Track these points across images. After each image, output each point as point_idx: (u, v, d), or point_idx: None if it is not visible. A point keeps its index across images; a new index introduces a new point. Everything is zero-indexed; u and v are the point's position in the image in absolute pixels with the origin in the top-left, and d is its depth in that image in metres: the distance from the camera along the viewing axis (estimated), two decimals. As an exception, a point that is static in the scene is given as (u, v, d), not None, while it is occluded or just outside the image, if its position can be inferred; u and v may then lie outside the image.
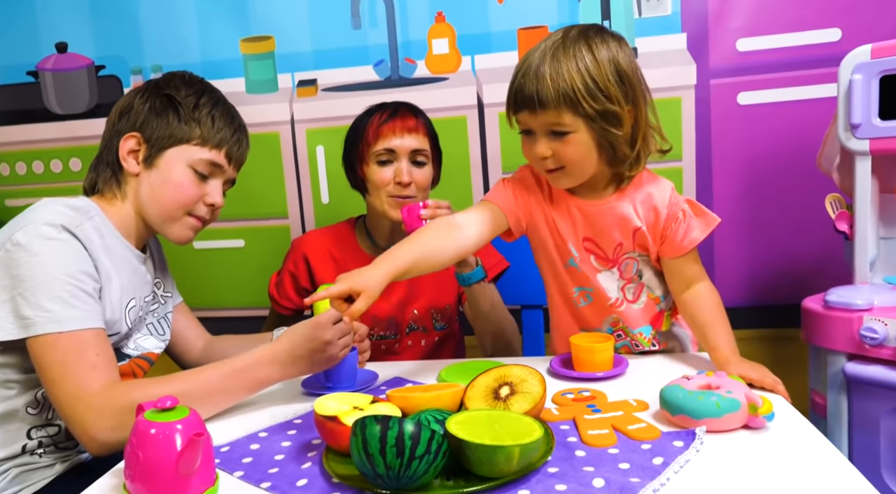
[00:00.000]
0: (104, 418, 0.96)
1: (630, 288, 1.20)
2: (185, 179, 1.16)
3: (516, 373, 0.94)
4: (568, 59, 1.04)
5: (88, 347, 1.00)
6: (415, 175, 1.43)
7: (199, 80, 1.23)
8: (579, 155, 1.08)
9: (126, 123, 1.17)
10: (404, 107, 1.48)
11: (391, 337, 1.52)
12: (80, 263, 1.03)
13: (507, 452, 0.73)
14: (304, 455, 0.88)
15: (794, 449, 0.82)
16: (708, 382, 0.91)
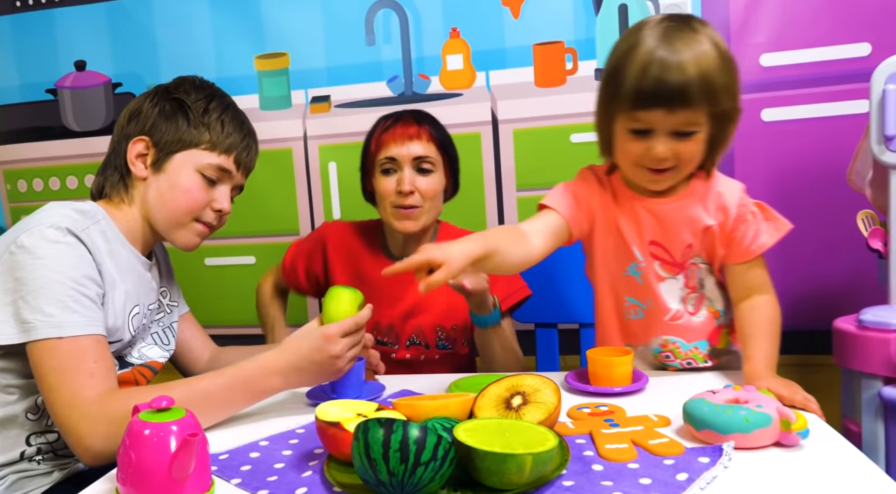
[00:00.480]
0: (98, 427, 0.93)
1: (692, 299, 1.13)
2: (193, 184, 1.14)
3: (529, 383, 0.88)
4: (697, 52, 0.96)
5: (87, 354, 0.97)
6: (419, 183, 1.38)
7: (209, 85, 1.22)
8: (697, 154, 1.02)
9: (135, 127, 1.15)
10: (408, 114, 1.43)
11: (389, 344, 1.47)
12: (84, 267, 1.01)
13: (519, 461, 0.68)
14: (305, 464, 0.84)
15: (831, 468, 0.75)
16: (736, 396, 0.85)
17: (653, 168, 1.03)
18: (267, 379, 1.00)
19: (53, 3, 2.05)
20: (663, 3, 1.77)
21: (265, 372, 1.00)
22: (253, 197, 2.00)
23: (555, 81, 1.84)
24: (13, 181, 2.16)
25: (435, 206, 1.42)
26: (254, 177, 1.94)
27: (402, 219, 1.39)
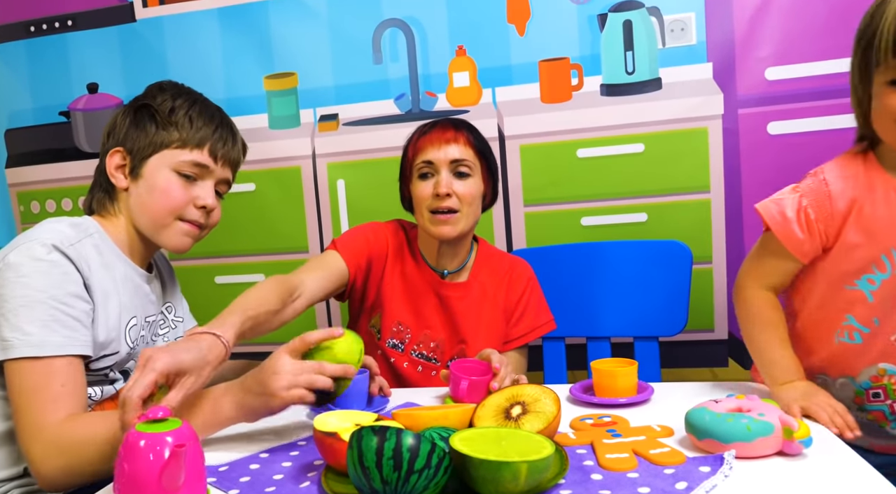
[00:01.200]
0: (50, 453, 0.94)
1: None
2: (169, 184, 1.14)
3: (529, 392, 0.88)
4: None
5: (56, 377, 0.97)
6: (456, 187, 1.34)
7: (174, 85, 1.21)
8: None
9: (112, 141, 1.17)
10: (446, 120, 1.42)
11: (433, 360, 1.44)
12: (68, 285, 1.01)
13: (514, 469, 0.67)
14: (304, 475, 0.84)
15: (834, 477, 0.74)
16: (738, 405, 0.84)
17: None
18: (221, 400, 0.96)
19: (67, 27, 2.09)
20: (668, 19, 1.77)
21: (220, 393, 0.97)
22: (262, 215, 2.02)
23: (560, 97, 1.85)
24: (26, 202, 2.20)
25: (473, 212, 1.38)
26: (263, 196, 2.01)
27: (440, 225, 1.34)
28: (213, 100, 2.00)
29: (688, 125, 1.77)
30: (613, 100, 1.82)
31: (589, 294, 1.64)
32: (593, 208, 1.86)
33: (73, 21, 2.08)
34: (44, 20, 2.10)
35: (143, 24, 2.04)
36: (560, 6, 1.82)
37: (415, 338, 1.44)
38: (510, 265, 1.50)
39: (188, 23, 2.01)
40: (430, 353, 1.45)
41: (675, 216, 1.80)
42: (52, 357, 0.97)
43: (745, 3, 1.73)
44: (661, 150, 1.80)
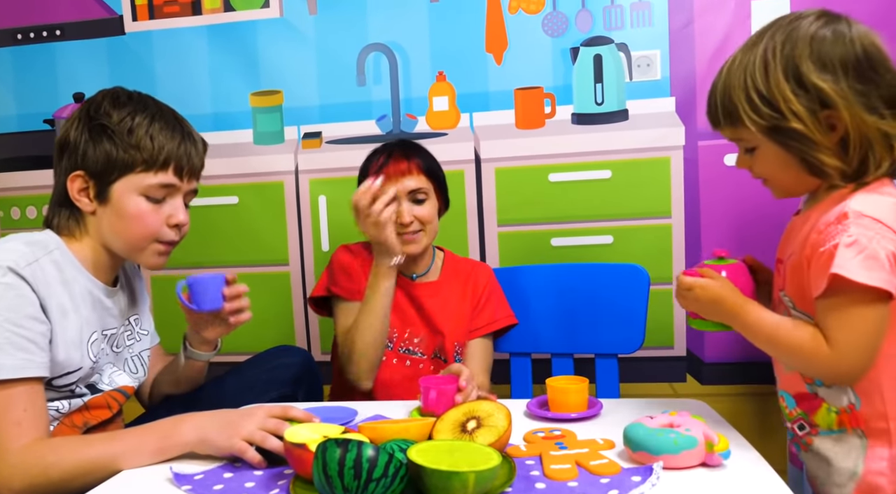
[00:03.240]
0: (15, 480, 0.96)
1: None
2: (141, 210, 1.12)
3: (485, 408, 0.96)
4: (737, 75, 0.96)
5: (17, 402, 0.99)
6: (416, 211, 1.51)
7: (127, 98, 1.16)
8: (773, 170, 1.02)
9: (69, 161, 1.13)
10: (399, 150, 1.55)
11: (418, 354, 1.58)
12: (23, 307, 1.01)
13: (463, 478, 0.76)
14: (274, 483, 0.91)
15: (749, 487, 0.83)
16: (670, 421, 0.93)
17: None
18: (181, 425, 1.00)
19: (55, 36, 2.12)
20: (635, 54, 1.88)
21: (181, 418, 1.01)
22: (245, 227, 2.08)
23: (534, 124, 1.94)
24: (7, 208, 2.21)
25: (433, 228, 1.56)
26: (246, 209, 2.08)
27: (407, 244, 1.50)
28: (199, 115, 2.10)
29: (652, 154, 1.87)
30: (583, 129, 1.92)
31: (554, 312, 1.72)
32: (563, 230, 1.95)
33: (62, 31, 2.12)
34: (32, 28, 2.13)
35: (133, 37, 2.09)
36: (536, 38, 1.91)
37: (400, 336, 1.57)
38: (473, 267, 1.68)
39: (177, 38, 2.06)
40: (415, 348, 1.58)
41: (639, 239, 1.90)
42: (10, 381, 0.98)
43: (707, 44, 1.84)
44: (627, 177, 1.90)
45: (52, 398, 1.09)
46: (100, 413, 1.18)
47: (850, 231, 0.88)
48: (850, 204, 0.91)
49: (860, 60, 0.91)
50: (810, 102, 0.91)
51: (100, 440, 1.02)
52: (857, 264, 0.86)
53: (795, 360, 0.97)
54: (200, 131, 2.01)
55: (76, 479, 0.97)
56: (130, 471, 0.97)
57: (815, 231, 0.93)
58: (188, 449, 0.99)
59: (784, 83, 0.91)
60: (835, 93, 0.90)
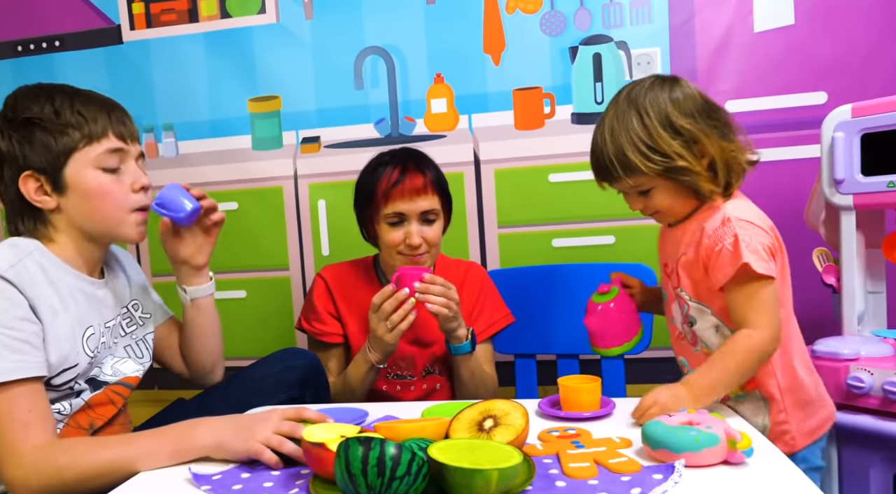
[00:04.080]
0: (30, 480, 0.96)
1: (688, 331, 1.22)
2: (102, 183, 1.12)
3: (500, 407, 0.95)
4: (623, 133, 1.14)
5: (20, 403, 0.99)
6: (425, 233, 1.45)
7: (38, 89, 1.14)
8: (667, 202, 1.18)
9: (10, 170, 1.11)
10: (412, 163, 1.47)
11: (408, 377, 1.54)
12: (12, 310, 1.01)
13: (486, 476, 0.75)
14: (293, 483, 0.90)
15: (773, 485, 0.82)
16: (689, 419, 0.92)
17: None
18: (196, 429, 1.00)
19: (54, 47, 2.13)
20: (635, 52, 1.88)
21: (196, 423, 1.01)
22: (244, 233, 2.08)
23: (533, 124, 1.95)
24: (11, 217, 2.22)
25: (438, 248, 1.52)
26: (245, 214, 2.07)
27: (410, 262, 1.46)
28: (198, 122, 2.09)
29: (653, 153, 1.87)
30: (583, 128, 1.92)
31: (559, 313, 1.72)
32: (564, 230, 1.95)
33: (61, 42, 2.13)
34: (31, 40, 2.14)
35: (130, 46, 2.10)
36: (534, 38, 1.92)
37: (387, 364, 1.50)
38: (465, 270, 1.63)
39: (175, 46, 2.07)
40: (404, 372, 1.55)
41: (641, 239, 1.90)
42: (11, 382, 0.98)
43: (707, 41, 1.85)
44: (628, 176, 1.90)
45: (52, 398, 1.08)
46: (103, 411, 1.17)
47: (734, 231, 1.10)
48: (727, 210, 1.13)
49: (704, 106, 1.15)
50: (684, 142, 1.12)
51: (115, 442, 1.01)
52: (753, 258, 1.07)
53: (754, 364, 1.11)
54: (199, 138, 2.08)
55: (90, 481, 0.96)
56: (149, 472, 0.97)
57: (704, 236, 1.13)
58: (204, 454, 0.98)
59: (664, 133, 1.12)
60: (699, 131, 1.12)
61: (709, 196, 1.15)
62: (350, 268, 1.61)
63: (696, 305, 1.18)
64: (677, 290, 1.20)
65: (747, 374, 1.12)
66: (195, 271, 1.32)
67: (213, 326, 1.36)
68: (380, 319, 1.34)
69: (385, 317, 1.34)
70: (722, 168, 1.14)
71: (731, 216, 1.12)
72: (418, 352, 1.54)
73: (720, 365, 1.10)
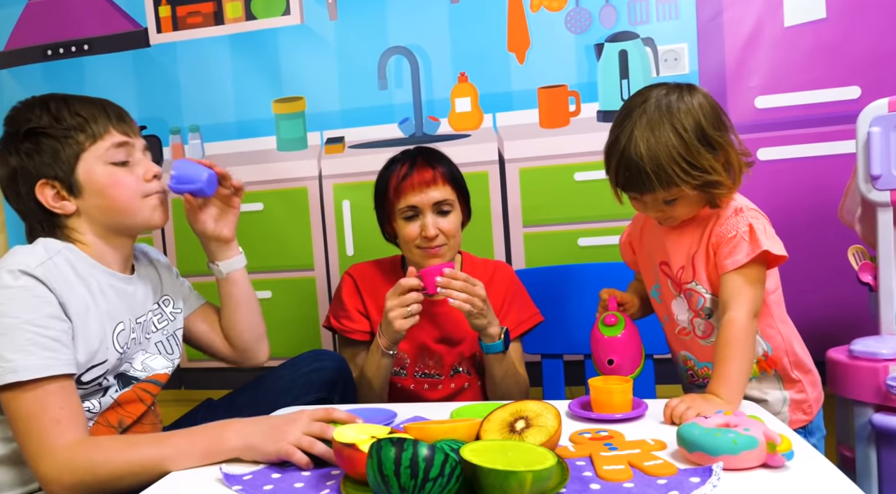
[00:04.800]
0: (64, 476, 0.97)
1: (700, 325, 1.25)
2: (114, 176, 1.14)
3: (532, 408, 0.94)
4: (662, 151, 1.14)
5: (52, 400, 1.00)
6: (441, 224, 1.46)
7: (33, 101, 1.17)
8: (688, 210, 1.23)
9: (26, 184, 1.13)
10: (421, 158, 1.49)
11: (436, 376, 1.53)
12: (42, 307, 1.02)
13: (520, 478, 0.74)
14: (323, 483, 0.89)
15: (814, 488, 0.80)
16: (726, 421, 0.90)
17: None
18: (225, 430, 0.99)
19: (83, 51, 2.16)
20: (661, 49, 1.86)
21: (225, 424, 1.01)
22: (270, 233, 2.08)
23: (558, 123, 1.93)
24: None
25: (457, 241, 1.51)
26: (270, 215, 2.08)
27: (430, 258, 1.47)
28: (223, 124, 2.11)
29: (681, 151, 1.85)
30: (609, 126, 1.88)
31: (586, 313, 1.70)
32: (590, 229, 1.93)
33: (90, 45, 2.15)
34: (61, 44, 2.17)
35: (157, 49, 2.12)
36: (558, 36, 1.90)
37: (414, 362, 1.53)
38: (493, 269, 1.62)
39: (201, 48, 2.09)
40: (431, 370, 1.53)
41: (669, 237, 1.88)
42: (42, 380, 0.99)
43: (736, 36, 1.82)
44: (656, 174, 1.87)
45: (81, 395, 1.09)
46: (133, 408, 1.18)
47: (748, 221, 1.16)
48: (738, 201, 1.21)
49: (718, 111, 1.19)
50: (712, 152, 1.15)
51: (147, 441, 1.01)
52: (770, 244, 1.14)
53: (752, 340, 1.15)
54: (225, 140, 2.09)
55: (122, 479, 0.97)
56: (180, 472, 0.97)
57: (717, 225, 1.19)
58: (234, 456, 0.98)
59: (701, 148, 1.14)
60: (726, 143, 1.17)
61: (723, 204, 1.20)
62: (377, 267, 1.61)
63: (712, 297, 1.22)
64: (689, 285, 1.23)
65: (753, 353, 1.16)
66: (224, 245, 1.33)
67: (251, 298, 1.38)
68: (393, 304, 1.34)
69: (399, 300, 1.34)
70: (738, 173, 1.19)
71: (742, 206, 1.19)
72: (446, 350, 1.53)
73: (730, 359, 1.11)
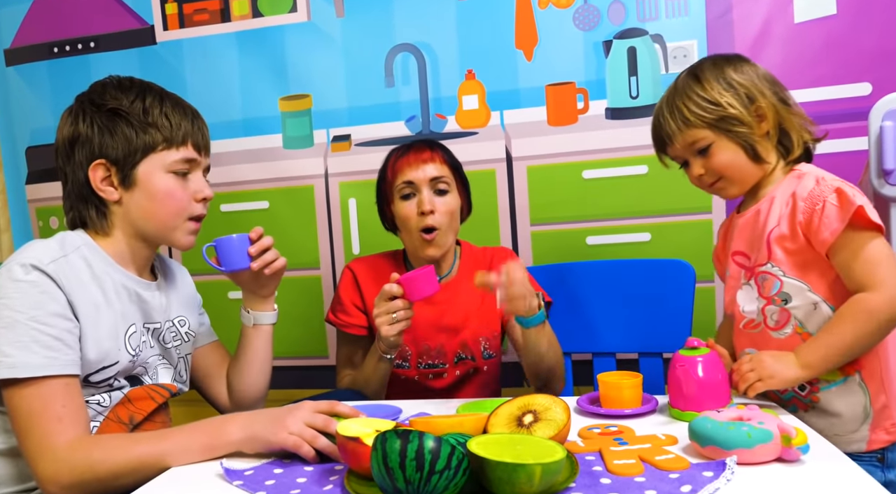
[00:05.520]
0: (62, 475, 0.95)
1: (772, 312, 1.13)
2: (170, 187, 1.13)
3: (540, 402, 0.92)
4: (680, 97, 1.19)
5: (54, 398, 0.98)
6: (437, 203, 1.44)
7: (130, 82, 1.15)
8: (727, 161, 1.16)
9: (83, 153, 1.11)
10: (420, 142, 1.51)
11: (440, 366, 1.51)
12: (48, 305, 1.00)
13: (529, 471, 0.72)
14: (326, 479, 0.88)
15: (831, 483, 0.78)
16: (739, 414, 0.88)
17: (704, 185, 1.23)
18: (227, 424, 0.99)
19: (89, 48, 2.16)
20: (670, 46, 1.84)
21: (227, 418, 1.01)
22: (275, 232, 2.03)
23: (567, 120, 1.91)
24: (45, 218, 2.25)
25: (453, 226, 1.49)
26: (276, 213, 2.07)
27: (427, 247, 1.45)
28: (230, 122, 2.09)
29: (690, 148, 1.83)
30: (618, 124, 1.88)
31: (595, 311, 1.68)
32: (598, 228, 1.91)
33: (96, 43, 2.15)
34: (67, 41, 2.16)
35: (164, 46, 2.11)
36: (567, 33, 1.88)
37: (416, 353, 1.51)
38: (493, 253, 1.60)
39: (207, 46, 2.08)
40: (435, 361, 1.52)
41: (678, 236, 1.86)
42: (45, 378, 0.97)
43: (746, 33, 1.80)
44: (664, 172, 1.81)
45: (91, 394, 1.07)
46: (143, 405, 1.15)
47: (835, 186, 1.07)
48: (813, 173, 1.12)
49: (766, 74, 1.19)
50: (738, 96, 1.14)
51: (147, 438, 1.00)
52: (864, 201, 1.04)
53: (874, 330, 1.04)
54: (231, 137, 2.08)
55: (123, 476, 0.96)
56: (180, 467, 0.96)
57: (799, 200, 1.08)
58: (235, 449, 0.97)
59: (716, 84, 1.15)
60: (753, 87, 1.15)
61: (766, 160, 1.15)
62: (379, 260, 1.60)
63: (791, 281, 1.10)
64: (762, 268, 1.13)
65: (867, 343, 1.05)
66: (261, 299, 1.31)
67: (268, 356, 1.34)
68: (379, 311, 1.30)
69: (384, 307, 1.29)
70: (775, 129, 1.15)
71: (824, 175, 1.11)
72: (447, 339, 1.51)
73: (836, 331, 1.04)
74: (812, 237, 1.07)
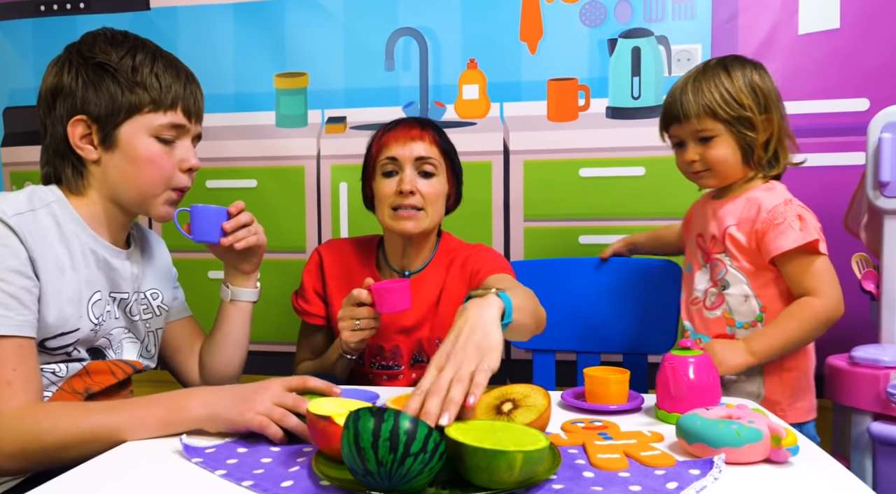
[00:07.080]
0: (5, 443, 0.89)
1: (712, 294, 1.32)
2: (153, 152, 1.05)
3: (519, 390, 0.89)
4: (707, 82, 1.27)
5: (5, 360, 0.92)
6: (420, 185, 1.33)
7: (123, 37, 1.08)
8: (723, 156, 1.28)
9: (64, 107, 1.04)
10: (412, 118, 1.40)
11: (395, 367, 1.42)
12: (7, 260, 0.93)
13: (509, 458, 0.68)
14: (293, 460, 0.83)
15: (819, 485, 0.75)
16: (728, 413, 0.85)
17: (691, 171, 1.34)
18: (187, 399, 0.93)
19: (78, 9, 2.08)
20: (675, 48, 1.82)
21: (187, 393, 0.95)
22: (262, 212, 1.98)
23: (567, 116, 1.88)
24: (20, 182, 2.16)
25: (436, 212, 1.37)
26: (264, 193, 2.02)
27: (402, 220, 1.33)
28: (222, 95, 2.04)
29: (689, 151, 1.80)
30: (618, 123, 1.85)
31: (581, 309, 1.65)
32: (592, 227, 1.88)
33: (86, 3, 2.08)
34: (55, 0, 2.09)
35: (157, 12, 2.05)
36: (572, 28, 1.86)
37: (369, 354, 1.41)
38: (468, 251, 1.45)
39: (203, 15, 2.02)
40: (389, 362, 1.42)
41: (671, 240, 1.83)
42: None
43: (750, 40, 1.78)
44: (662, 175, 1.83)
45: (46, 361, 1.01)
46: (102, 378, 1.09)
47: (798, 212, 1.24)
48: (786, 193, 1.28)
49: (777, 92, 1.31)
50: (757, 102, 1.26)
51: (101, 409, 0.94)
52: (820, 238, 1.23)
53: (816, 328, 1.22)
54: (222, 112, 2.03)
55: (72, 448, 0.89)
56: (136, 442, 0.90)
57: (763, 211, 1.24)
58: (196, 426, 0.91)
59: (742, 84, 1.27)
60: (770, 98, 1.28)
61: (757, 164, 1.28)
62: (351, 246, 1.49)
63: (734, 272, 1.28)
64: (717, 255, 1.30)
65: (808, 339, 1.23)
66: (242, 275, 1.26)
67: (244, 333, 1.28)
68: (344, 314, 1.23)
69: (349, 311, 1.22)
70: (776, 143, 1.28)
71: (792, 198, 1.26)
72: (403, 340, 1.41)
73: (782, 326, 1.22)
74: (762, 245, 1.24)
